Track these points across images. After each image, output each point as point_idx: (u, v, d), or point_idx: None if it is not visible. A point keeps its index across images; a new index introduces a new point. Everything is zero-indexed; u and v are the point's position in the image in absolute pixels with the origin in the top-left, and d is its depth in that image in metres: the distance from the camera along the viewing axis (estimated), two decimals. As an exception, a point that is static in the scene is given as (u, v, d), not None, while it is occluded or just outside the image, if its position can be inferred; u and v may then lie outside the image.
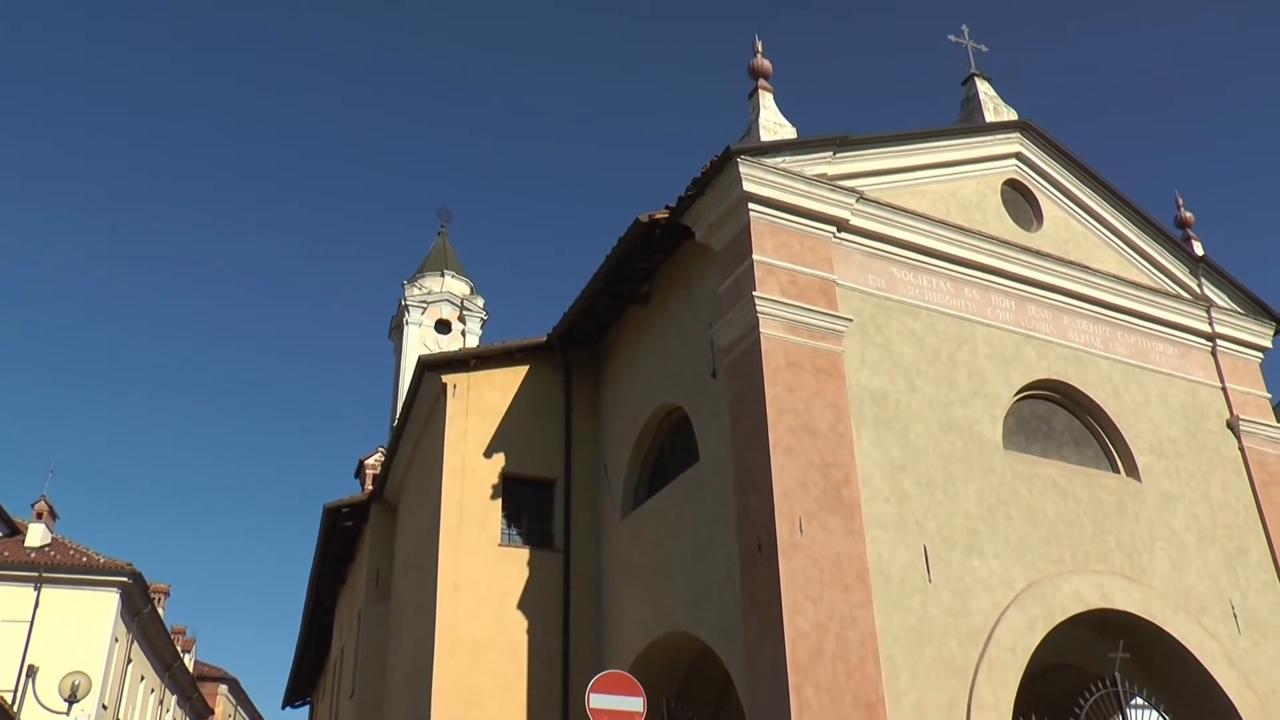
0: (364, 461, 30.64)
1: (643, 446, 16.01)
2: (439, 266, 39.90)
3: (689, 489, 14.11)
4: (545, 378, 17.33)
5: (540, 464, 16.82)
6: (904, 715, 11.70)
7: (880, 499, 12.71)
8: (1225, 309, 17.98)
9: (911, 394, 13.68)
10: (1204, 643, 14.74)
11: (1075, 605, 13.74)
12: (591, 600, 16.19)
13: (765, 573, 11.77)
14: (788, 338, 12.85)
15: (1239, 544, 16.07)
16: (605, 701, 10.97)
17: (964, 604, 12.78)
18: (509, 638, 15.67)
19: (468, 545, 16.00)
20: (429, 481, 17.48)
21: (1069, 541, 14.20)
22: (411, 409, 18.43)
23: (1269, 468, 17.14)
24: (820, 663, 11.34)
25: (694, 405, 14.33)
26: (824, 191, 13.95)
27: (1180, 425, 16.54)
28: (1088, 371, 15.86)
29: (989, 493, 13.73)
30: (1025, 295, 15.72)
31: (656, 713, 13.47)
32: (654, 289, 15.87)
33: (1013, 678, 12.71)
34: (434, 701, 14.99)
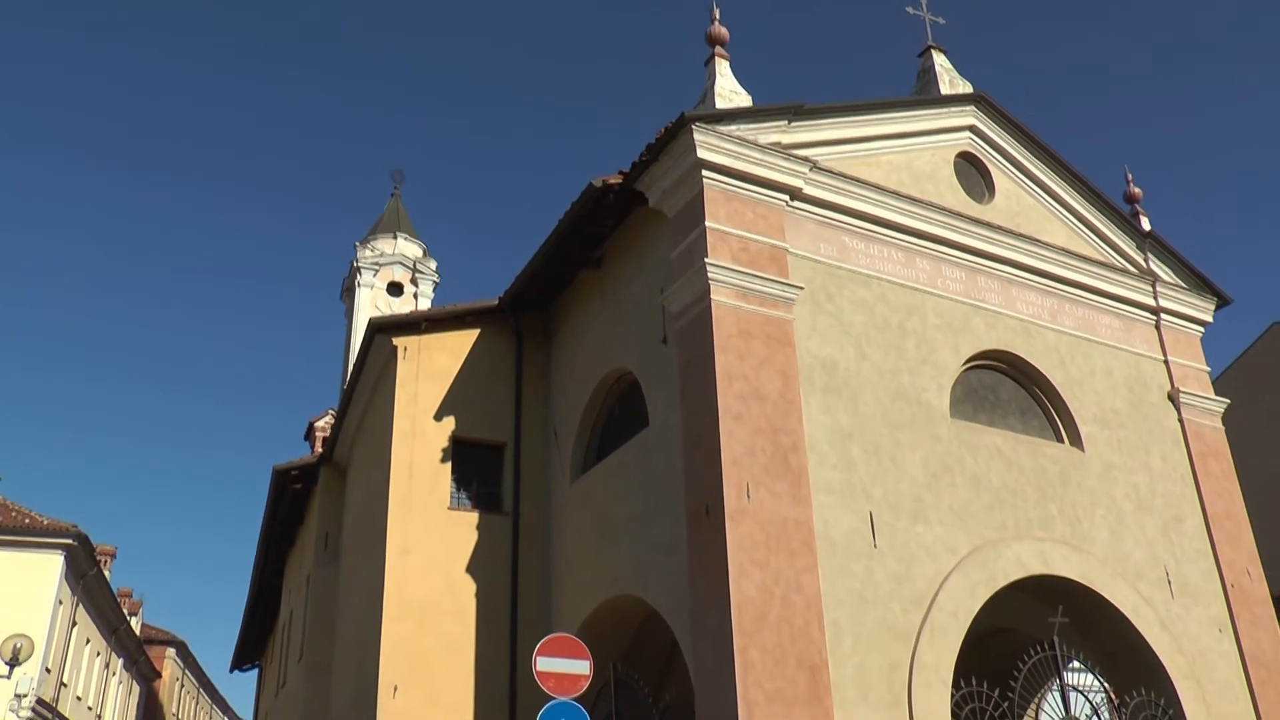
0: (314, 424, 30.41)
1: (593, 411, 16.03)
2: (392, 228, 39.51)
3: (638, 454, 14.17)
4: (496, 341, 17.27)
5: (490, 427, 16.79)
6: (847, 678, 11.88)
7: (828, 465, 12.84)
8: (1170, 284, 18.28)
9: (861, 362, 13.80)
10: (1139, 608, 15.09)
11: (1017, 571, 14.00)
12: (540, 564, 16.23)
13: (712, 537, 11.87)
14: (739, 304, 12.89)
15: (1175, 513, 16.44)
16: (552, 665, 11.01)
17: (908, 569, 12.97)
18: (457, 601, 15.68)
19: (417, 508, 15.96)
20: (379, 444, 17.40)
21: (1012, 509, 14.44)
22: (362, 371, 18.31)
23: (1206, 439, 17.52)
24: (765, 626, 11.47)
25: (644, 370, 14.36)
26: (778, 160, 13.96)
27: (1123, 397, 16.83)
28: (1035, 343, 16.07)
29: (935, 460, 13.91)
30: (975, 267, 15.87)
31: (603, 676, 13.56)
32: (606, 254, 15.84)
33: (954, 641, 12.95)
34: (382, 664, 14.99)
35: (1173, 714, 14.75)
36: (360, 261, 38.15)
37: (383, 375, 17.78)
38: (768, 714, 11.09)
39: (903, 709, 12.15)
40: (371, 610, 16.11)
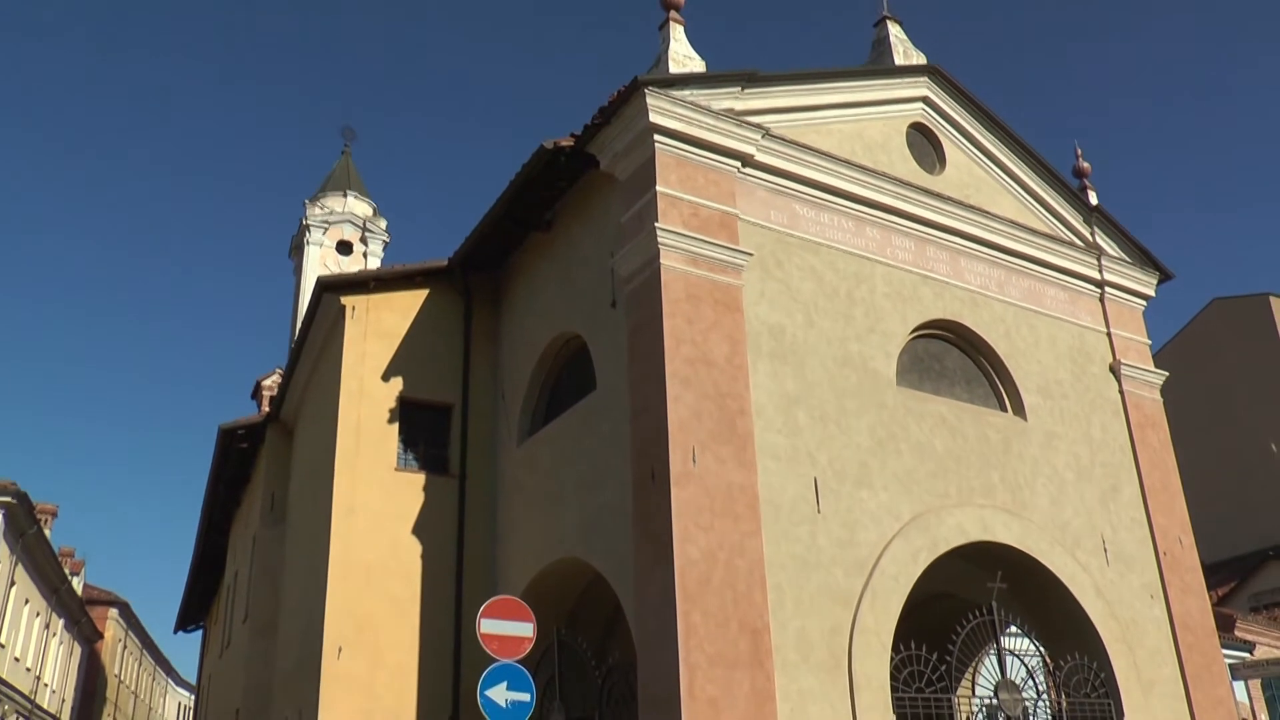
0: (261, 382, 30.08)
1: (540, 373, 16.00)
2: (342, 186, 39.03)
3: (585, 417, 14.17)
4: (445, 302, 17.14)
5: (438, 388, 16.71)
6: (788, 641, 12.03)
7: (774, 431, 12.92)
8: (1115, 257, 18.53)
9: (809, 329, 13.87)
10: (1076, 575, 15.40)
11: (958, 537, 14.22)
12: (486, 526, 16.23)
13: (658, 501, 11.92)
14: (688, 269, 12.89)
15: (1113, 482, 16.76)
16: (496, 627, 11.00)
17: (851, 534, 13.12)
18: (403, 562, 15.65)
19: (364, 469, 15.87)
20: (326, 404, 17.25)
21: (955, 476, 14.64)
22: (309, 330, 18.12)
23: (1145, 410, 17.85)
24: (708, 590, 11.56)
25: (593, 334, 14.34)
26: (730, 126, 13.92)
27: (1066, 367, 17.08)
28: (982, 313, 16.24)
29: (880, 427, 14.05)
30: (925, 237, 15.97)
31: (546, 638, 13.61)
32: (557, 217, 15.75)
33: (895, 605, 13.14)
34: (327, 625, 14.95)
35: (1104, 678, 15.10)
36: (309, 219, 37.68)
37: (331, 334, 17.61)
38: (709, 677, 11.20)
39: (842, 672, 12.33)
40: (317, 571, 16.03)
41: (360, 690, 14.73)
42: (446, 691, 15.20)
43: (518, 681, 10.86)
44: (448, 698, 15.17)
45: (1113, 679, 15.16)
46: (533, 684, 11.01)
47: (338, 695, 14.61)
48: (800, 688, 11.90)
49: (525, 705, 10.83)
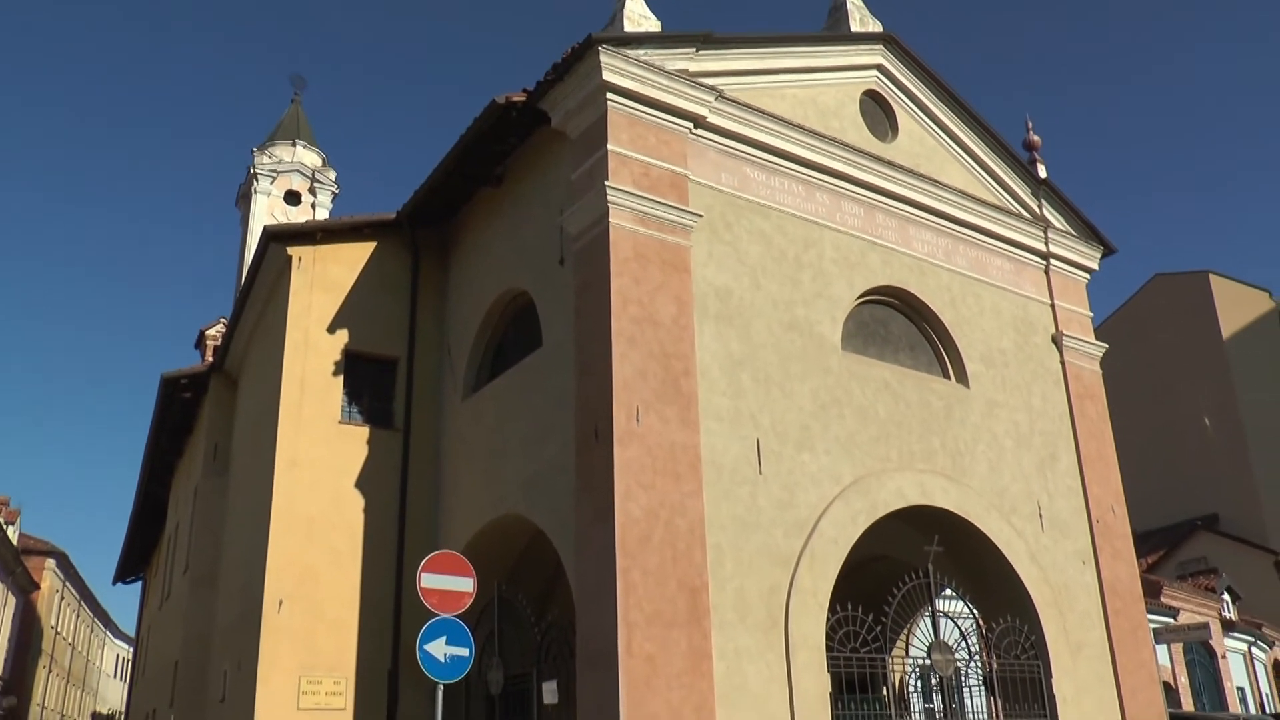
0: (205, 332, 29.65)
1: (487, 329, 15.95)
2: (291, 136, 38.42)
3: (531, 374, 14.16)
4: (393, 255, 16.99)
5: (384, 342, 16.60)
6: (726, 600, 12.17)
7: (718, 392, 13.00)
8: (1061, 230, 18.76)
9: (755, 292, 13.92)
10: (1011, 540, 15.71)
11: (897, 501, 14.43)
12: (429, 481, 16.21)
13: (600, 459, 11.97)
14: (636, 229, 12.87)
15: (1051, 450, 17.07)
16: (436, 581, 11.05)
17: (792, 496, 13.27)
18: (345, 516, 15.60)
19: (307, 421, 15.77)
20: (271, 355, 17.09)
21: (897, 441, 14.83)
22: (255, 280, 17.89)
23: (1084, 381, 18.17)
24: (648, 548, 11.65)
25: (540, 291, 14.30)
26: (683, 87, 13.86)
27: (1010, 337, 17.31)
28: (928, 281, 16.39)
29: (824, 391, 14.18)
30: (874, 204, 16.05)
31: (486, 594, 13.69)
32: (507, 172, 15.63)
33: (832, 567, 13.33)
34: (268, 578, 14.89)
35: (1035, 640, 15.46)
36: (257, 168, 37.09)
37: (276, 285, 17.41)
38: (647, 635, 11.31)
39: (779, 631, 12.51)
40: (259, 523, 15.95)
41: (300, 643, 14.73)
42: (386, 645, 15.23)
43: (457, 636, 10.93)
44: (387, 651, 15.21)
45: (1043, 641, 15.51)
46: (472, 639, 11.09)
47: (278, 648, 14.60)
48: (737, 646, 12.07)
49: (464, 660, 10.91)
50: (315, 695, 14.64)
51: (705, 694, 11.53)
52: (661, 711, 11.14)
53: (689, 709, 11.35)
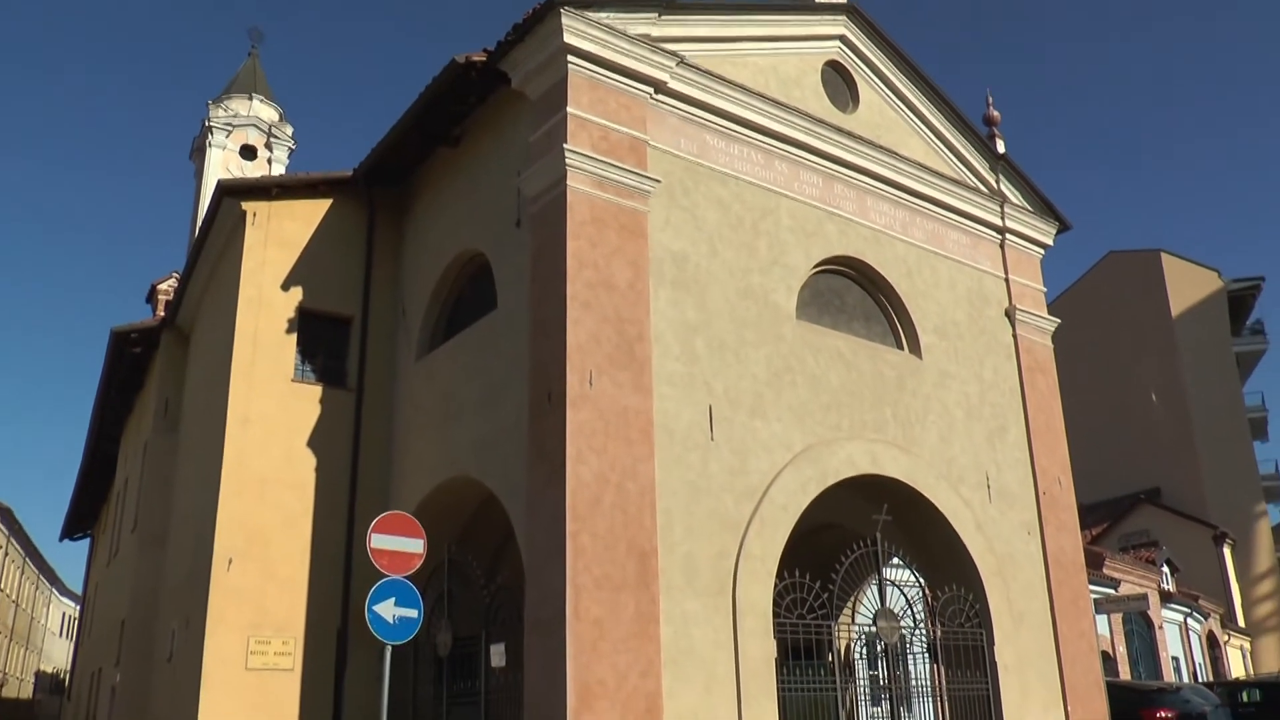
0: (156, 286, 29.19)
1: (442, 290, 15.85)
2: (247, 89, 37.77)
3: (485, 336, 14.11)
4: (349, 213, 16.82)
5: (338, 300, 16.46)
6: (675, 564, 12.25)
7: (671, 358, 13.02)
8: (1017, 206, 18.91)
9: (712, 259, 13.94)
10: (959, 510, 15.93)
11: (847, 469, 14.56)
12: (381, 441, 16.15)
13: (553, 422, 11.97)
14: (594, 193, 12.82)
15: (1001, 422, 17.29)
16: (386, 542, 11.00)
17: (743, 463, 13.35)
18: (297, 475, 15.52)
19: (260, 379, 15.63)
20: (223, 311, 16.90)
21: (849, 410, 14.95)
22: (208, 234, 17.65)
23: (1036, 355, 18.40)
24: (599, 512, 11.70)
25: (496, 253, 14.22)
26: (645, 52, 13.77)
27: (964, 310, 17.47)
28: (884, 252, 16.47)
29: (778, 359, 14.25)
30: (833, 174, 16.08)
31: (437, 556, 13.70)
32: (465, 133, 15.49)
33: (781, 534, 13.45)
34: (218, 536, 14.80)
35: (979, 609, 15.73)
36: (212, 120, 36.47)
37: (230, 240, 17.19)
38: (595, 598, 11.38)
39: (727, 597, 12.62)
40: (209, 481, 15.83)
41: (249, 602, 14.68)
42: (336, 605, 15.22)
43: (406, 598, 10.90)
44: (337, 611, 15.19)
45: (986, 610, 15.79)
46: (421, 601, 11.08)
47: (227, 607, 14.54)
48: (684, 611, 12.17)
49: (413, 621, 10.89)
50: (264, 655, 14.62)
51: (652, 658, 11.63)
52: (608, 675, 11.23)
53: (635, 672, 11.45)
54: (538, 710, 11.37)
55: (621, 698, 11.26)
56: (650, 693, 11.51)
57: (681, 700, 11.81)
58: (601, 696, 11.11)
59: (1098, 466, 47.16)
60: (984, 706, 15.33)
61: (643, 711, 11.39)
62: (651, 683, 11.55)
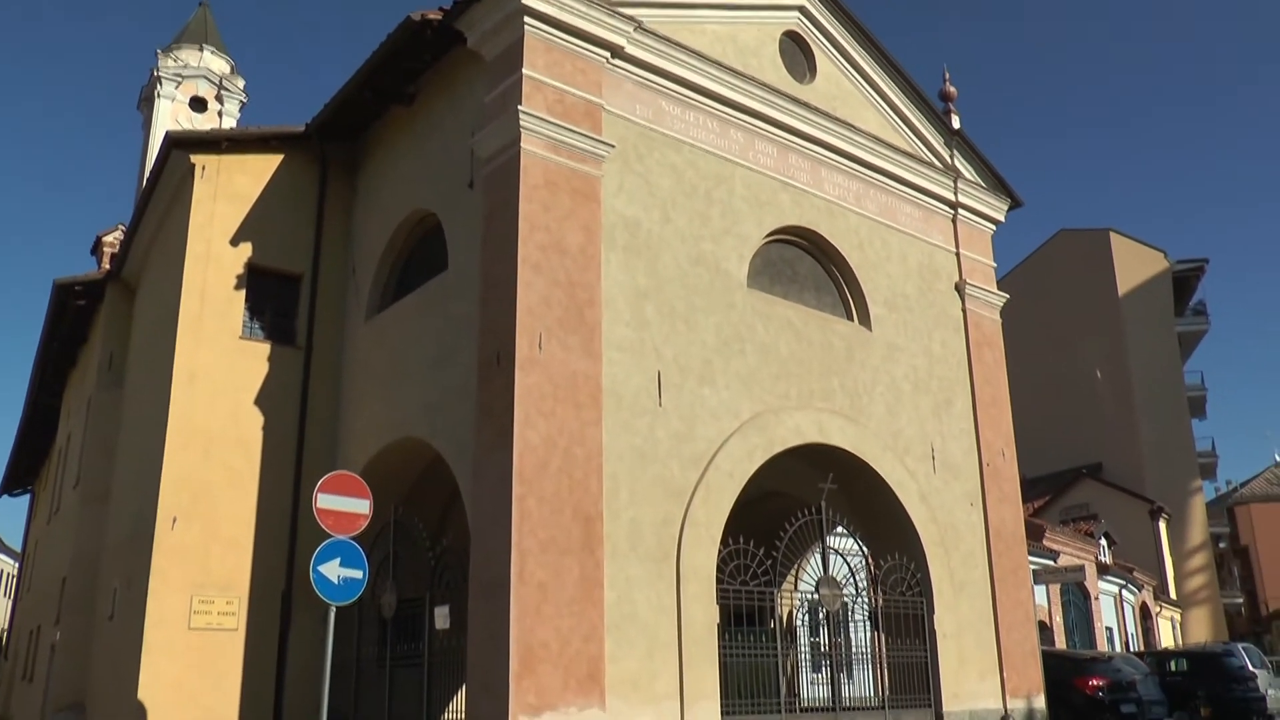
0: (102, 238, 28.67)
1: (393, 250, 15.72)
2: (198, 39, 37.02)
3: (435, 297, 14.03)
4: (300, 169, 16.59)
5: (288, 257, 16.27)
6: (620, 530, 12.32)
7: (621, 323, 13.03)
8: (970, 181, 19.06)
9: (664, 225, 13.93)
10: (903, 480, 16.14)
11: (794, 438, 14.69)
12: (330, 400, 16.04)
13: (501, 385, 11.96)
14: (548, 156, 12.75)
15: (947, 395, 17.50)
16: (332, 502, 10.95)
17: (690, 429, 13.42)
18: (244, 433, 15.39)
19: (207, 335, 15.45)
20: (170, 266, 16.65)
21: (797, 379, 15.05)
22: (156, 187, 17.34)
23: (983, 329, 18.62)
24: (545, 476, 11.72)
25: (448, 214, 14.12)
26: (602, 15, 13.65)
27: (914, 283, 17.62)
28: (837, 223, 16.55)
29: (727, 327, 14.30)
30: (788, 144, 16.10)
31: (383, 517, 13.66)
32: (420, 91, 15.30)
33: (727, 501, 13.56)
34: (162, 494, 14.65)
35: (920, 577, 15.98)
36: (161, 71, 35.74)
37: (178, 193, 16.91)
38: (540, 562, 11.42)
39: (671, 562, 12.73)
40: (154, 438, 15.64)
41: (194, 562, 14.56)
42: (281, 566, 15.15)
43: (351, 558, 10.88)
44: (282, 572, 15.13)
45: (928, 579, 16.05)
46: (366, 562, 11.06)
47: (170, 566, 14.42)
48: (628, 575, 12.25)
49: (357, 582, 10.87)
50: (207, 615, 14.52)
51: (595, 622, 11.72)
52: (551, 638, 11.30)
53: (578, 636, 11.53)
54: (480, 672, 11.43)
55: (564, 661, 11.34)
56: (593, 656, 11.60)
57: (624, 664, 11.93)
58: (544, 660, 11.19)
59: (1042, 441, 47.90)
60: (922, 673, 15.63)
61: (585, 675, 11.49)
62: (594, 647, 11.65)
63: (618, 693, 11.78)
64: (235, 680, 14.46)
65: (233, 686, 14.43)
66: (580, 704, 11.39)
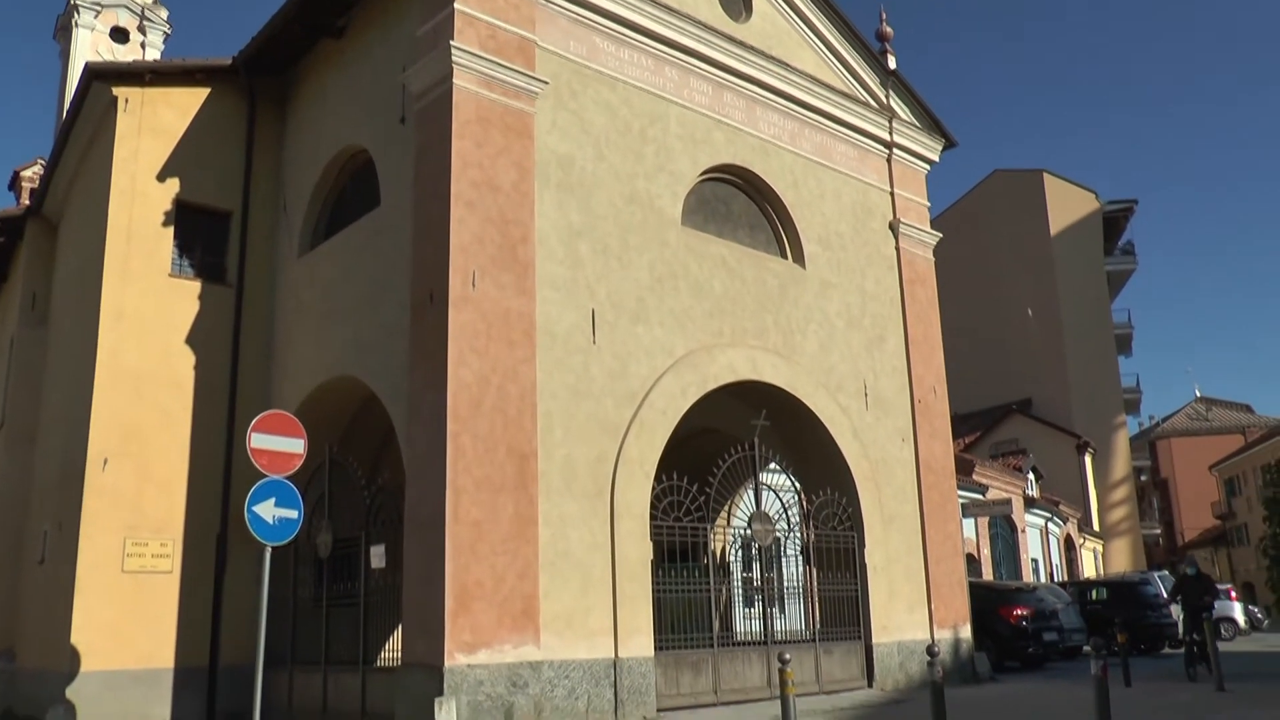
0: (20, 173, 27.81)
1: (324, 185, 15.47)
2: (118, -35, 35.82)
3: (368, 234, 13.88)
4: (228, 103, 16.21)
5: (217, 193, 15.94)
6: (554, 467, 12.41)
7: (555, 261, 13.01)
8: (905, 121, 19.16)
9: (598, 163, 13.87)
10: (835, 416, 16.39)
11: (728, 375, 14.83)
12: (262, 339, 15.85)
13: (434, 323, 11.92)
14: (480, 92, 12.60)
15: (880, 332, 17.75)
16: (266, 442, 10.85)
17: (624, 367, 13.49)
18: (175, 372, 15.17)
19: (135, 273, 15.14)
20: (94, 202, 16.23)
21: (731, 317, 15.16)
22: (76, 120, 16.82)
23: (916, 268, 18.85)
24: (480, 414, 11.75)
25: (380, 150, 13.91)
26: (536, -52, 13.45)
27: (848, 221, 17.75)
28: (772, 162, 16.58)
29: (661, 265, 14.34)
30: (723, 83, 16.04)
31: (318, 456, 13.61)
32: (351, 24, 14.96)
33: (660, 438, 13.70)
34: (92, 435, 14.40)
35: (852, 512, 16.31)
36: (79, -1, 34.58)
37: (100, 127, 16.44)
38: (475, 500, 11.49)
39: (605, 499, 12.86)
40: (82, 378, 15.35)
41: (126, 503, 14.39)
42: (215, 506, 15.04)
43: (286, 498, 10.82)
44: (217, 513, 15.02)
45: (859, 513, 16.39)
46: (301, 501, 11.02)
47: (101, 508, 14.23)
48: (562, 513, 12.37)
49: (293, 522, 10.82)
50: (141, 557, 14.39)
51: (530, 559, 11.84)
52: (486, 576, 11.40)
53: (513, 574, 11.65)
54: (416, 611, 11.52)
55: (499, 599, 11.46)
56: (527, 594, 11.74)
57: (558, 601, 12.08)
58: (479, 598, 11.30)
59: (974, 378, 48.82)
60: (853, 607, 16.01)
61: (519, 613, 11.63)
62: (529, 584, 11.77)
63: (552, 629, 11.94)
64: (171, 622, 14.39)
65: (168, 629, 14.36)
66: (515, 641, 11.54)
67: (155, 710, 14.07)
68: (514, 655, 11.50)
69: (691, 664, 13.66)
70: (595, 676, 12.26)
